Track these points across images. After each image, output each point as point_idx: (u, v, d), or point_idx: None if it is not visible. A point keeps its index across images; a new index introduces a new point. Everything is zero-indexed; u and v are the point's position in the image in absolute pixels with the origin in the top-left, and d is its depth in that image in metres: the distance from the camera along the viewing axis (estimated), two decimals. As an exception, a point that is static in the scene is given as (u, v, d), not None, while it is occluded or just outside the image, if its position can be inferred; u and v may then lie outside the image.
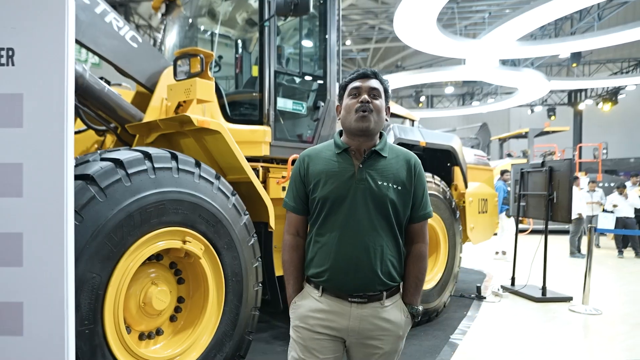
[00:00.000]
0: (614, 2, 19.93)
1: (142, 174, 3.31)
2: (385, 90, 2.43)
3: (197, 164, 3.75)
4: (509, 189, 12.03)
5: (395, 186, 2.33)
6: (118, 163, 3.21)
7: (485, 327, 6.31)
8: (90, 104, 4.23)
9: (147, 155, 3.40)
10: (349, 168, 2.34)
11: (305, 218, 2.51)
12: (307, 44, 6.27)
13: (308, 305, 2.38)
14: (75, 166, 3.19)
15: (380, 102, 2.36)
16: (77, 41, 4.10)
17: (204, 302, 3.81)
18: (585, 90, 32.28)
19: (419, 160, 2.47)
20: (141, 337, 3.55)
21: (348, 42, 31.81)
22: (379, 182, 2.31)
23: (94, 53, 4.26)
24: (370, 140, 2.38)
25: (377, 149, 2.36)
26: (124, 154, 3.30)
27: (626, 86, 29.55)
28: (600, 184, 18.06)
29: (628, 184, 14.59)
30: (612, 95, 30.29)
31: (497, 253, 12.60)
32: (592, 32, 19.74)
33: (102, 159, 3.22)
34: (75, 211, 2.90)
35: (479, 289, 7.87)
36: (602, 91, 31.51)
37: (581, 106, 32.44)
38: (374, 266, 2.28)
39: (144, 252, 3.34)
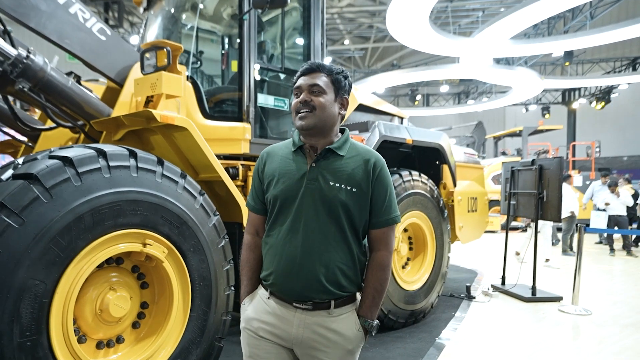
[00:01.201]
0: (606, 1, 19.70)
1: (94, 172, 3.01)
2: (336, 82, 2.21)
3: (160, 162, 3.45)
4: None
5: (348, 188, 2.12)
6: (67, 161, 2.91)
7: (474, 328, 6.03)
8: (54, 99, 3.92)
9: (102, 153, 3.10)
10: (301, 167, 2.18)
11: (264, 218, 2.34)
12: (292, 39, 6.01)
13: (255, 307, 2.26)
14: (22, 164, 2.91)
15: (325, 98, 2.16)
16: (38, 33, 3.82)
17: (169, 307, 3.52)
18: (579, 89, 32.16)
19: (382, 161, 2.24)
20: (99, 346, 3.26)
21: (346, 42, 31.64)
22: (331, 183, 2.12)
23: (58, 46, 3.96)
24: (324, 138, 2.20)
25: (333, 147, 2.18)
26: (75, 152, 3.00)
27: (619, 85, 29.54)
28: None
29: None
30: (605, 94, 30.19)
31: (518, 254, 11.50)
32: (584, 30, 19.53)
33: (51, 157, 2.93)
34: (14, 213, 2.62)
35: (468, 288, 7.60)
36: (596, 90, 31.36)
37: (575, 105, 32.29)
38: (317, 272, 2.09)
39: (98, 256, 3.04)
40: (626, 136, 33.33)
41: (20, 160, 2.99)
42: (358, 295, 2.24)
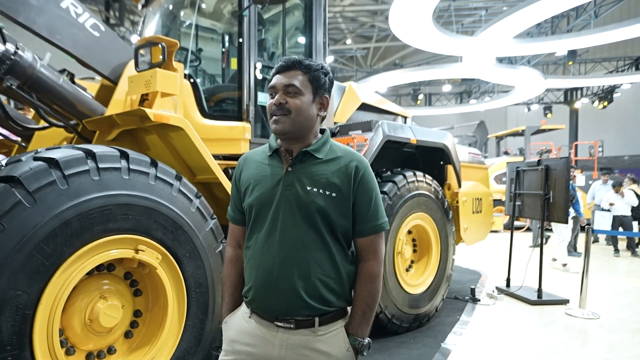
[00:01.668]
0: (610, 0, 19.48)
1: (82, 175, 2.82)
2: (314, 80, 2.00)
3: (153, 164, 3.26)
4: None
5: (327, 192, 1.94)
6: (53, 163, 2.72)
7: (479, 332, 5.82)
8: (44, 97, 3.74)
9: (90, 154, 2.91)
10: (277, 172, 2.02)
11: (245, 229, 2.15)
12: (293, 37, 5.83)
13: (237, 327, 2.07)
14: (5, 166, 2.72)
15: (302, 100, 1.96)
16: (27, 29, 3.63)
17: (163, 316, 3.33)
18: (581, 88, 31.96)
19: (365, 163, 2.04)
20: (89, 357, 3.06)
21: (348, 41, 31.48)
22: (308, 188, 1.94)
23: (49, 42, 3.77)
24: (301, 141, 2.02)
25: (310, 149, 2.00)
26: (62, 153, 2.81)
27: (621, 85, 29.26)
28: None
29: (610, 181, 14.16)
30: (607, 93, 29.94)
31: (554, 260, 10.94)
32: (588, 29, 19.32)
33: (36, 159, 2.73)
34: (-6, 218, 2.43)
35: (473, 291, 7.40)
36: (598, 90, 31.14)
37: (577, 104, 32.08)
38: (296, 286, 1.91)
39: (86, 264, 2.85)
40: (628, 136, 33.14)
41: (3, 162, 2.81)
42: (349, 310, 2.06)
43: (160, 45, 3.80)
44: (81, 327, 2.98)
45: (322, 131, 2.12)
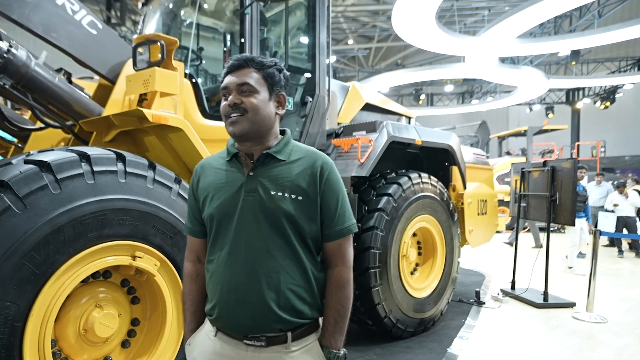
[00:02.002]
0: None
1: (76, 179, 2.68)
2: (269, 77, 1.88)
3: (151, 166, 3.12)
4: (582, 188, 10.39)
5: (293, 196, 1.81)
6: (44, 166, 2.58)
7: (486, 337, 5.68)
8: (39, 96, 3.60)
9: (85, 157, 2.77)
10: (238, 178, 1.87)
11: (205, 241, 2.00)
12: (296, 36, 5.71)
13: (201, 347, 1.91)
14: (-6, 169, 2.58)
15: (258, 98, 1.82)
16: (22, 26, 3.50)
17: (162, 324, 3.19)
18: (583, 89, 31.83)
19: (330, 163, 1.91)
20: (83, 368, 2.93)
21: (350, 42, 31.38)
22: (272, 193, 1.81)
23: (44, 40, 3.63)
24: (260, 143, 1.88)
25: (271, 151, 1.86)
26: (54, 156, 2.68)
27: (624, 85, 29.11)
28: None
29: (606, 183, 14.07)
30: (609, 94, 29.85)
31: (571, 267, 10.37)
32: (591, 29, 19.19)
33: (27, 162, 2.59)
34: (-20, 225, 2.29)
35: (477, 293, 7.25)
36: (600, 90, 31.00)
37: (579, 105, 31.95)
38: (267, 299, 1.76)
39: (80, 272, 2.71)
40: (629, 136, 33.06)
41: (-5, 165, 2.67)
42: (322, 321, 1.92)
43: (159, 44, 3.66)
44: (75, 338, 2.85)
45: (283, 132, 2.00)
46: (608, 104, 29.64)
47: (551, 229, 14.63)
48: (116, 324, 2.97)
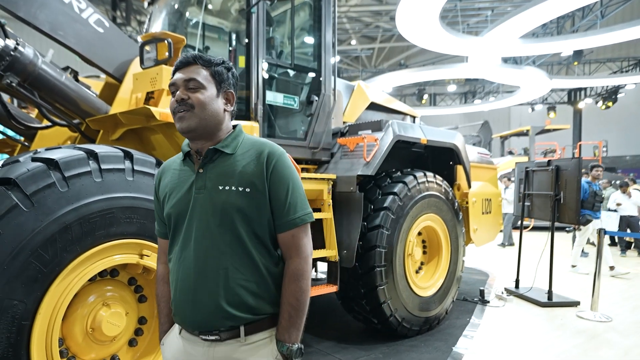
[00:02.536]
0: (617, 0, 19.26)
1: (84, 177, 2.65)
2: (217, 74, 1.86)
3: (159, 164, 3.09)
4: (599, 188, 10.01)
5: (240, 189, 1.77)
6: (52, 164, 2.54)
7: (491, 336, 5.64)
8: (46, 95, 3.57)
9: (92, 155, 2.73)
10: (189, 176, 1.86)
11: None
12: (302, 35, 5.67)
13: (171, 346, 1.92)
14: (1, 167, 2.54)
15: (205, 94, 1.80)
16: (29, 24, 3.47)
17: (169, 323, 3.16)
18: (585, 89, 31.75)
19: (279, 151, 1.86)
20: (91, 366, 2.90)
21: (353, 42, 31.35)
22: (219, 187, 1.78)
23: (51, 38, 3.60)
24: (210, 139, 1.86)
25: (218, 146, 1.84)
26: (62, 153, 2.64)
27: (625, 85, 29.03)
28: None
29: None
30: (611, 94, 29.75)
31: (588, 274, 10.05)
32: (594, 30, 19.12)
33: (34, 159, 2.56)
34: (-13, 223, 2.26)
35: (482, 292, 7.22)
36: (602, 90, 30.93)
37: (581, 105, 31.88)
38: (216, 296, 1.74)
39: (88, 270, 2.68)
40: (630, 136, 33.00)
41: (0, 163, 2.63)
42: None
43: (166, 42, 3.63)
44: (83, 336, 2.82)
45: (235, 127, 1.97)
46: (610, 104, 29.57)
47: (568, 228, 14.62)
48: (123, 322, 2.94)
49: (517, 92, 27.87)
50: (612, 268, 9.82)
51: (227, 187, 1.77)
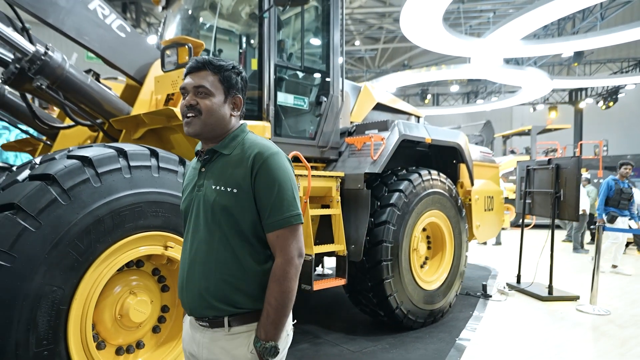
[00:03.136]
0: (617, 2, 19.33)
1: (115, 173, 2.81)
2: (225, 80, 1.93)
3: (182, 162, 3.25)
4: (628, 186, 9.59)
5: (229, 189, 1.85)
6: (86, 161, 2.71)
7: (493, 328, 5.78)
8: (72, 96, 3.73)
9: (122, 153, 2.90)
10: (196, 175, 1.99)
11: None
12: (311, 38, 5.81)
13: (185, 328, 2.08)
14: (39, 164, 2.71)
15: (212, 101, 1.88)
16: (57, 30, 3.63)
17: (190, 311, 3.32)
18: (586, 89, 31.74)
19: (268, 153, 1.88)
20: (119, 351, 3.06)
21: (357, 43, 31.41)
22: (213, 187, 1.87)
23: (77, 43, 3.77)
24: (216, 142, 1.95)
25: (216, 147, 1.93)
26: (94, 151, 2.81)
27: (625, 85, 29.03)
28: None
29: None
30: (611, 94, 29.75)
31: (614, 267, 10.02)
32: (594, 31, 19.19)
33: (69, 157, 2.72)
34: (31, 216, 2.42)
35: (484, 287, 7.36)
36: (602, 90, 30.94)
37: (582, 104, 31.90)
38: (201, 288, 1.86)
39: (117, 260, 2.84)
40: (630, 135, 32.95)
41: (37, 160, 2.80)
42: None
43: (187, 46, 3.79)
44: (112, 322, 2.98)
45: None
46: (610, 103, 29.59)
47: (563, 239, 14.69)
48: (149, 309, 3.10)
49: (519, 92, 27.86)
50: (614, 266, 9.84)
51: (218, 187, 1.86)
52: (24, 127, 4.89)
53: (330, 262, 8.69)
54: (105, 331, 2.97)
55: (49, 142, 4.76)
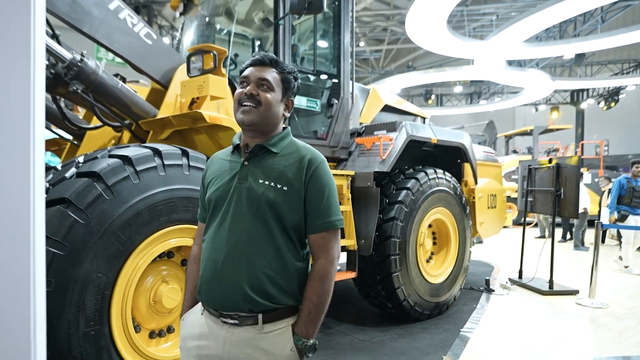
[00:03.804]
0: (618, 5, 19.45)
1: (151, 171, 3.05)
2: (286, 81, 1.99)
3: (209, 161, 3.49)
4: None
5: (278, 186, 1.87)
6: (126, 160, 2.95)
7: (495, 320, 5.99)
8: (104, 100, 3.97)
9: (157, 152, 3.14)
10: (235, 167, 1.96)
11: None
12: (322, 43, 6.01)
13: (191, 324, 1.99)
14: (83, 163, 2.95)
15: (273, 96, 1.92)
16: (90, 37, 3.86)
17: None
18: (587, 90, 31.82)
19: (321, 159, 1.95)
20: (151, 335, 3.29)
21: (362, 44, 31.54)
22: (260, 181, 1.87)
23: (108, 50, 4.00)
24: (261, 136, 1.96)
25: (265, 143, 1.94)
26: (133, 151, 3.05)
27: (626, 86, 29.08)
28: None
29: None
30: (612, 95, 29.82)
31: (626, 267, 9.75)
32: (595, 34, 19.34)
33: (111, 156, 2.97)
34: (80, 209, 2.66)
35: (487, 282, 7.56)
36: (604, 91, 31.01)
37: (583, 105, 31.98)
38: (239, 279, 1.82)
39: (153, 251, 3.08)
40: (631, 135, 32.94)
41: (80, 159, 3.03)
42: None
43: (212, 54, 4.02)
44: (146, 308, 3.21)
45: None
46: (612, 104, 29.67)
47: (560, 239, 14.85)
48: (179, 297, 3.33)
49: (521, 93, 27.94)
50: (626, 267, 9.71)
51: (266, 182, 1.85)
52: (54, 128, 5.12)
53: (340, 257, 8.87)
54: (141, 316, 3.20)
55: (75, 142, 4.98)
